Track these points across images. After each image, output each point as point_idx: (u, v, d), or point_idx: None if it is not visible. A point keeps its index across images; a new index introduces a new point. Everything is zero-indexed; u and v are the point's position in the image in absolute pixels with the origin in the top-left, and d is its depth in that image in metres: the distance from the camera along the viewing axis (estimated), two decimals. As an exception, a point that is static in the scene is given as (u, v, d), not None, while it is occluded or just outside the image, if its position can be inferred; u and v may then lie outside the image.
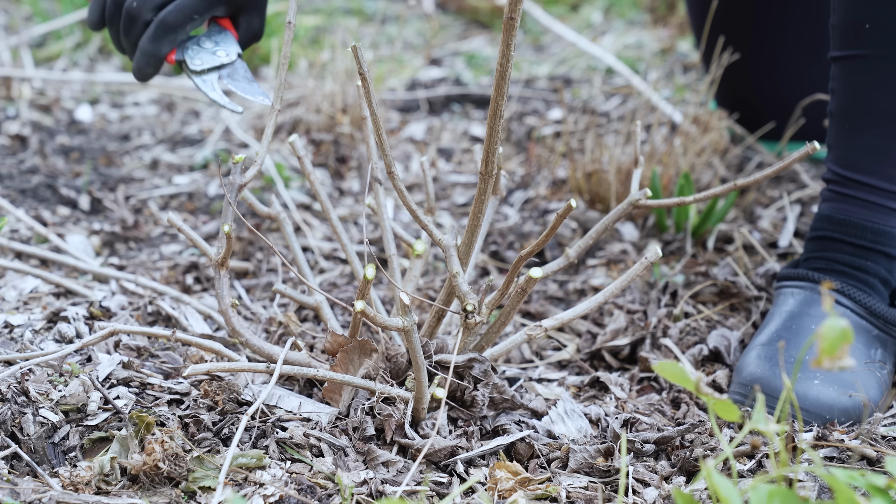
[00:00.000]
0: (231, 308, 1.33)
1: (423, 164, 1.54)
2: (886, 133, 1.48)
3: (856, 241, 1.51)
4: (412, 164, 2.28)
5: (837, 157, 1.53)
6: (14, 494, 1.11)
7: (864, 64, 1.47)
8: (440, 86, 2.77)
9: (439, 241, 1.32)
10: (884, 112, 1.47)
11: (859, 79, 1.49)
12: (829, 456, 1.31)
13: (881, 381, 1.44)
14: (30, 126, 2.39)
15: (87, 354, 1.41)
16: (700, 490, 1.22)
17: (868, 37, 1.45)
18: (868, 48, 1.46)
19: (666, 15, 3.46)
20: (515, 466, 1.26)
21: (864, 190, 1.51)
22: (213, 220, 2.03)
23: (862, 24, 1.45)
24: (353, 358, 1.33)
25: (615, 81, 2.79)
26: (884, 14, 1.44)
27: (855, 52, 1.48)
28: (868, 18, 1.45)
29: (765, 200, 2.05)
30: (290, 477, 1.21)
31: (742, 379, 1.44)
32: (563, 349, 1.62)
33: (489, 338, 1.37)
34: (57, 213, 1.98)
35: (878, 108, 1.48)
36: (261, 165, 1.35)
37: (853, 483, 0.90)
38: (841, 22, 1.49)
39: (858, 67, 1.48)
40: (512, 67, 1.14)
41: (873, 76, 1.47)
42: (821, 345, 0.86)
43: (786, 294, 1.53)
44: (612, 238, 1.93)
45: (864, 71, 1.47)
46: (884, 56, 1.45)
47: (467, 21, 3.63)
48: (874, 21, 1.44)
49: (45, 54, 2.93)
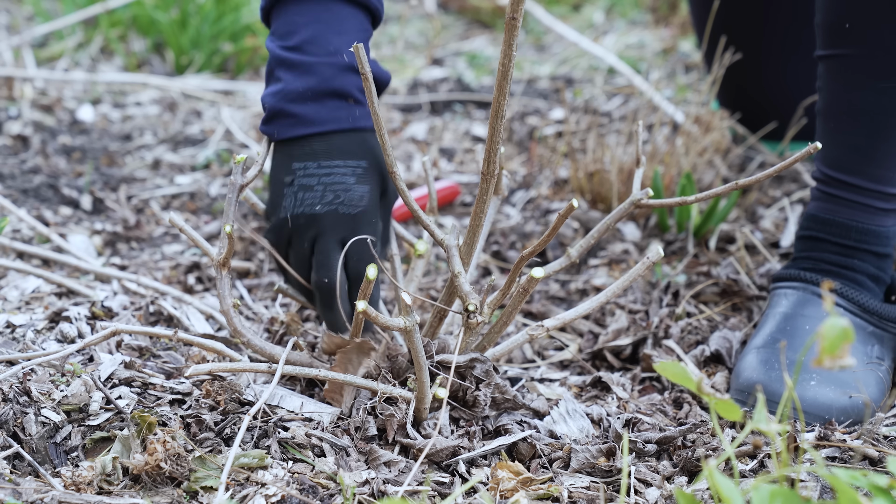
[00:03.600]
0: (233, 308, 1.33)
1: (425, 164, 1.54)
2: (868, 133, 1.49)
3: (841, 241, 1.51)
4: (414, 164, 2.28)
5: (824, 156, 1.54)
6: (16, 494, 1.12)
7: (846, 63, 1.47)
8: (442, 85, 2.77)
9: (441, 241, 1.32)
10: (866, 112, 1.48)
11: (842, 78, 1.49)
12: (831, 456, 1.30)
13: (881, 379, 1.44)
14: (32, 126, 2.39)
15: (89, 354, 1.41)
16: (702, 490, 1.22)
17: (849, 36, 1.46)
18: (849, 48, 1.46)
19: (668, 15, 3.46)
20: (517, 466, 1.26)
21: (849, 189, 1.51)
22: (214, 220, 2.03)
23: (843, 24, 1.45)
24: (352, 358, 1.33)
25: (617, 81, 2.79)
26: (865, 14, 1.44)
27: (837, 52, 1.48)
28: (849, 18, 1.45)
29: (767, 200, 2.05)
30: (292, 477, 1.21)
31: (739, 384, 1.44)
32: (565, 349, 1.62)
33: (491, 338, 1.37)
34: (59, 213, 1.98)
35: (860, 108, 1.48)
36: (262, 165, 1.35)
37: (855, 483, 0.90)
38: (824, 21, 1.49)
39: (841, 67, 1.48)
40: (514, 67, 1.14)
41: (855, 76, 1.47)
42: (821, 344, 0.86)
43: (779, 295, 1.54)
44: (614, 238, 1.93)
45: (847, 70, 1.48)
46: (864, 56, 1.45)
47: (469, 21, 3.63)
48: (855, 21, 1.45)
49: (46, 54, 2.94)
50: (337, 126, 1.32)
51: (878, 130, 1.48)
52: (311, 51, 1.32)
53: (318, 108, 1.31)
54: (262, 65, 3.00)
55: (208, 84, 2.79)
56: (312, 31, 1.32)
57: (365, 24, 1.37)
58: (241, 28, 2.95)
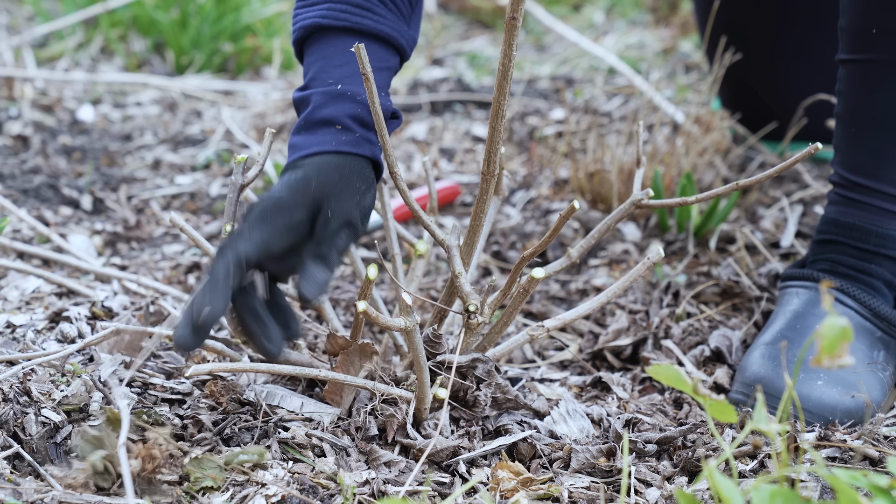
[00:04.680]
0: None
1: (426, 164, 1.54)
2: (891, 138, 1.49)
3: (860, 245, 1.51)
4: (414, 164, 2.28)
5: (843, 161, 1.53)
6: (16, 494, 1.12)
7: (870, 68, 1.47)
8: (442, 86, 2.77)
9: (442, 241, 1.32)
10: (889, 117, 1.48)
11: (866, 83, 1.49)
12: (832, 456, 1.31)
13: (883, 382, 1.44)
14: (32, 126, 2.39)
15: (89, 354, 1.41)
16: (702, 490, 1.22)
17: (876, 42, 1.45)
18: (875, 53, 1.46)
19: (668, 15, 3.46)
20: (517, 466, 1.26)
21: (869, 194, 1.51)
22: (215, 220, 2.03)
23: (870, 29, 1.45)
24: (354, 360, 1.33)
25: (617, 81, 2.79)
26: (892, 20, 1.44)
27: (862, 57, 1.48)
28: (876, 23, 1.45)
29: (767, 200, 2.05)
30: (293, 477, 1.21)
31: (745, 378, 1.44)
32: (566, 349, 1.62)
33: (491, 338, 1.37)
34: (59, 213, 1.98)
35: (884, 113, 1.48)
36: (263, 165, 1.35)
37: (855, 483, 0.90)
38: (849, 25, 1.49)
39: (865, 72, 1.48)
40: (514, 67, 1.14)
41: (879, 81, 1.47)
42: (820, 343, 0.86)
43: (790, 294, 1.53)
44: (614, 238, 1.93)
45: (871, 75, 1.47)
46: (890, 62, 1.45)
47: (469, 21, 3.63)
48: (882, 26, 1.44)
49: (47, 54, 2.94)
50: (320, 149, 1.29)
51: None
52: (313, 86, 1.33)
53: (306, 137, 1.31)
54: (262, 65, 3.00)
55: (209, 84, 2.79)
56: (318, 67, 1.33)
57: (385, 56, 1.36)
58: (241, 28, 2.95)
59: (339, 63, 1.32)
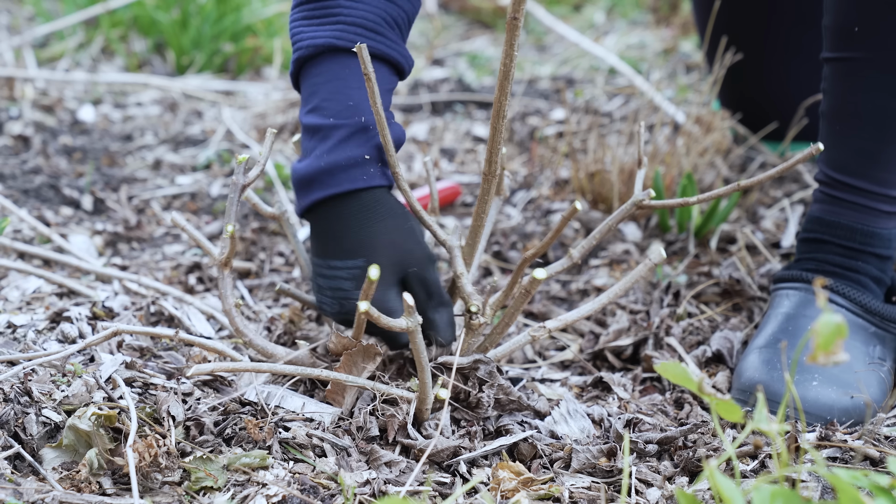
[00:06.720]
0: (235, 308, 1.33)
1: (426, 164, 1.54)
2: (874, 136, 1.49)
3: (845, 243, 1.52)
4: (415, 164, 2.28)
5: (828, 159, 1.54)
6: (17, 494, 1.12)
7: (853, 67, 1.48)
8: (443, 86, 2.77)
9: (444, 242, 1.32)
10: (872, 115, 1.48)
11: (849, 81, 1.49)
12: (832, 456, 1.30)
13: (882, 379, 1.44)
14: (33, 126, 2.39)
15: (90, 355, 1.41)
16: (703, 490, 1.22)
17: (858, 40, 1.46)
18: (858, 51, 1.46)
19: (668, 15, 3.46)
20: (518, 467, 1.26)
21: (854, 192, 1.52)
22: (215, 220, 2.03)
23: (852, 27, 1.46)
24: (357, 361, 1.33)
25: (618, 82, 2.79)
26: (874, 18, 1.44)
27: (845, 55, 1.48)
28: (858, 21, 1.45)
29: (768, 201, 2.05)
30: (293, 477, 1.21)
31: (741, 384, 1.44)
32: (566, 349, 1.62)
33: (493, 339, 1.37)
34: (60, 214, 1.98)
35: (867, 111, 1.48)
36: (264, 165, 1.35)
37: (856, 483, 0.90)
38: (832, 23, 1.49)
39: (848, 70, 1.48)
40: (515, 67, 1.14)
41: (862, 79, 1.47)
42: (816, 341, 0.86)
43: (781, 296, 1.54)
44: (615, 238, 1.93)
45: (854, 74, 1.48)
46: (872, 59, 1.46)
47: (470, 21, 3.63)
48: (864, 24, 1.45)
49: (47, 54, 2.94)
50: (351, 186, 1.33)
51: (885, 134, 1.48)
52: (327, 111, 1.33)
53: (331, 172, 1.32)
54: (262, 65, 3.00)
55: (209, 84, 2.80)
56: (332, 88, 1.34)
57: (390, 79, 1.38)
58: (241, 28, 2.95)
59: (356, 85, 1.34)
